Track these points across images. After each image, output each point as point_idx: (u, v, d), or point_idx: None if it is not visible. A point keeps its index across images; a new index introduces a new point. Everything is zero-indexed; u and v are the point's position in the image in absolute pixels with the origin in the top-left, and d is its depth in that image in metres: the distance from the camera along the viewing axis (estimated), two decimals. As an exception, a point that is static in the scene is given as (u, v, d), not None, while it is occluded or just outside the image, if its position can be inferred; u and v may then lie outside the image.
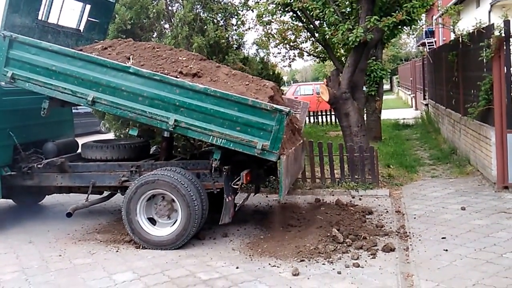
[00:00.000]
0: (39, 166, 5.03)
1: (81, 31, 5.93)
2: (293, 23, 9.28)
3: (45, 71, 4.57)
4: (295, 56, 10.77)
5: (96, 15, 5.98)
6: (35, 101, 5.52)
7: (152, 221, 4.60)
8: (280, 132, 3.98)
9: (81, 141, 5.80)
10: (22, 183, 5.17)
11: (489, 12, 15.80)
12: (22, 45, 4.62)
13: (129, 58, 4.69)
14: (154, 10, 7.30)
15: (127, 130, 7.09)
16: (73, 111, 6.86)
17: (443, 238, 4.32)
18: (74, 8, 5.78)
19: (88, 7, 5.88)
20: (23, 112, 5.37)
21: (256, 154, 4.06)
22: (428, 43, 23.17)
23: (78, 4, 5.81)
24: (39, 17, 5.22)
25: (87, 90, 4.45)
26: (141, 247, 4.50)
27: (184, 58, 4.85)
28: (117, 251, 4.48)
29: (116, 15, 6.93)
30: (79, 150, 5.67)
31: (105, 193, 5.29)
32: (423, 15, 9.26)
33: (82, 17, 5.90)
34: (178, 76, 4.40)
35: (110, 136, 8.32)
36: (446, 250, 4.02)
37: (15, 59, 4.65)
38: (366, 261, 3.89)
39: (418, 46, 26.61)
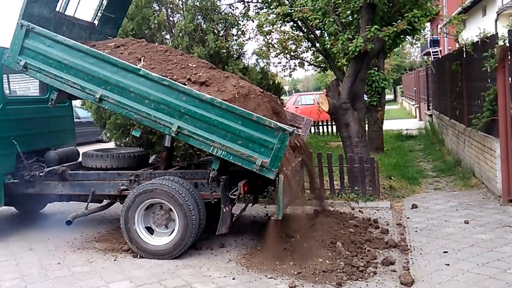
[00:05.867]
0: (40, 174, 5.10)
1: (96, 25, 5.98)
2: (293, 33, 9.34)
3: (57, 64, 4.61)
4: (295, 65, 10.82)
5: (112, 10, 6.04)
6: (38, 110, 5.62)
7: (150, 230, 4.61)
8: (281, 151, 3.97)
9: (83, 150, 5.86)
10: (24, 191, 5.25)
11: (496, 21, 15.79)
12: (38, 36, 4.66)
13: (140, 60, 4.73)
14: (155, 21, 7.41)
15: (127, 140, 7.15)
16: (75, 120, 6.96)
17: (445, 252, 4.26)
18: (92, 2, 5.87)
19: (105, 2, 5.95)
20: (26, 121, 5.45)
21: (254, 170, 4.05)
22: (433, 52, 23.14)
23: None
24: (57, 9, 5.29)
25: (96, 87, 4.48)
26: (138, 256, 4.51)
27: (194, 65, 4.88)
28: (115, 259, 4.51)
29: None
30: (80, 159, 5.72)
31: (105, 202, 5.31)
32: (427, 24, 9.24)
33: (99, 11, 5.98)
34: (187, 83, 4.43)
35: (111, 145, 8.40)
36: (448, 265, 3.95)
37: (29, 49, 4.69)
38: (365, 274, 3.83)
39: (423, 55, 26.62)
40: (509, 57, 5.55)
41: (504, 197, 5.71)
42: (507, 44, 5.55)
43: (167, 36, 7.84)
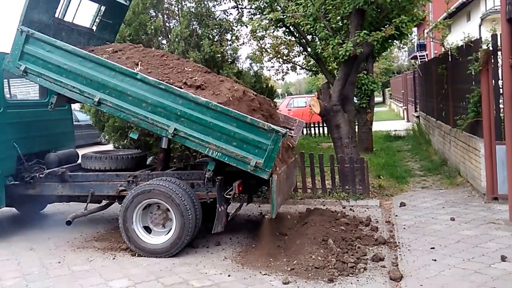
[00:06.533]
0: (41, 176, 5.17)
1: (94, 30, 6.08)
2: (286, 38, 9.52)
3: (56, 69, 4.71)
4: (288, 69, 11.00)
5: (110, 16, 6.14)
6: (38, 113, 5.69)
7: (148, 229, 4.71)
8: (275, 152, 4.09)
9: (82, 152, 5.92)
10: (24, 192, 5.32)
11: (480, 26, 16.18)
12: (37, 41, 4.76)
13: (137, 64, 4.84)
14: (152, 27, 7.50)
15: (125, 142, 7.25)
16: (74, 123, 7.03)
17: (432, 248, 4.37)
18: (90, 8, 5.95)
19: (103, 8, 6.05)
20: (26, 124, 5.53)
21: (249, 170, 4.17)
22: (419, 56, 23.56)
23: (94, 4, 5.98)
24: (56, 15, 5.38)
25: (94, 91, 4.58)
26: (136, 255, 4.60)
27: (189, 69, 4.99)
28: (114, 258, 4.59)
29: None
30: (80, 161, 5.80)
31: (103, 202, 5.39)
32: (414, 29, 9.47)
33: (96, 17, 6.07)
34: (183, 87, 4.54)
35: (110, 147, 8.48)
36: (435, 260, 4.07)
37: (29, 54, 4.79)
38: (355, 270, 3.95)
39: (410, 59, 27.04)
40: (493, 60, 5.72)
41: (488, 195, 5.89)
42: (491, 48, 5.72)
43: (164, 41, 7.97)
